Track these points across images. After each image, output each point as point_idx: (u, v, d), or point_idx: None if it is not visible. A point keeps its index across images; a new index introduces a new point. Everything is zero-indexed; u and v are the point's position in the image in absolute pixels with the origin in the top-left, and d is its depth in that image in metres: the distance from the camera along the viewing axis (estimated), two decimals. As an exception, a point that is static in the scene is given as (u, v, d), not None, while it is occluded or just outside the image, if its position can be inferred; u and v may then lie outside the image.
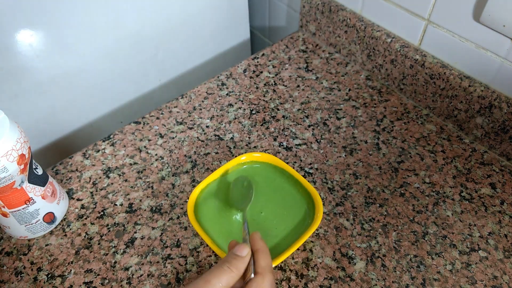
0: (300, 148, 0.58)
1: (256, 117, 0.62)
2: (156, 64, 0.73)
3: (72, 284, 0.45)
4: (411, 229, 0.49)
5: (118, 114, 0.73)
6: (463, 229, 0.49)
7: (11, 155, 0.40)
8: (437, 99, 0.59)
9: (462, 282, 0.45)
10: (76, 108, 0.66)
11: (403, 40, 0.61)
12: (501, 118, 0.53)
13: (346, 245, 0.48)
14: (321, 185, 0.53)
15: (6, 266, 0.47)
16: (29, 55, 0.56)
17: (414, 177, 0.54)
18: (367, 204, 0.51)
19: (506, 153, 0.55)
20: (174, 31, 0.71)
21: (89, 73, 0.64)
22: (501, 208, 0.51)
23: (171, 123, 0.61)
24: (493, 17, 0.48)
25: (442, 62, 0.58)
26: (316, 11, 0.70)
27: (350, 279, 0.45)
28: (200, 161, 0.56)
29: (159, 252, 0.48)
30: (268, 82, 0.67)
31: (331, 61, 0.70)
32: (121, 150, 0.58)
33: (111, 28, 0.62)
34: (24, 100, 0.60)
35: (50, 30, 0.56)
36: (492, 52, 0.52)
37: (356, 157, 0.56)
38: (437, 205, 0.51)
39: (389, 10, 0.61)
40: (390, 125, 0.60)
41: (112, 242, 0.49)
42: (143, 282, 0.45)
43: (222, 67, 0.83)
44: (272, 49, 0.73)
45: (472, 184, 0.53)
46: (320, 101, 0.64)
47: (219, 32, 0.78)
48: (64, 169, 0.56)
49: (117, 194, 0.53)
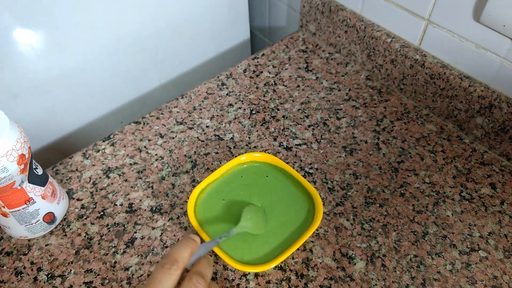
0: (300, 148, 0.58)
1: (256, 117, 0.62)
2: (156, 64, 0.73)
3: (72, 284, 0.45)
4: (411, 229, 0.49)
5: (118, 114, 0.73)
6: (463, 229, 0.49)
7: (11, 155, 0.40)
8: (437, 99, 0.59)
9: (462, 282, 0.45)
10: (76, 108, 0.66)
11: (403, 40, 0.61)
12: (501, 118, 0.53)
13: (346, 245, 0.48)
14: (321, 185, 0.53)
15: (6, 266, 0.47)
16: (29, 55, 0.56)
17: (414, 177, 0.54)
18: (367, 204, 0.51)
19: (506, 153, 0.55)
20: (174, 31, 0.71)
21: (89, 73, 0.64)
22: (501, 208, 0.51)
23: (171, 123, 0.61)
24: (493, 17, 0.48)
25: (442, 62, 0.58)
26: (316, 11, 0.70)
27: (350, 279, 0.45)
28: (200, 161, 0.56)
29: (159, 252, 0.48)
30: (268, 82, 0.67)
31: (331, 61, 0.70)
32: (121, 150, 0.58)
33: (111, 28, 0.62)
34: (24, 100, 0.60)
35: (50, 30, 0.56)
36: (492, 52, 0.52)
37: (356, 157, 0.56)
38: (437, 205, 0.51)
39: (389, 10, 0.61)
40: (390, 125, 0.60)
41: (112, 242, 0.49)
42: (143, 282, 0.45)
43: (222, 67, 0.83)
44: (272, 49, 0.73)
45: (472, 184, 0.53)
46: (320, 101, 0.64)
47: (219, 32, 0.78)
48: (64, 169, 0.56)
49: (117, 194, 0.53)
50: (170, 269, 0.33)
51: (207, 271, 0.36)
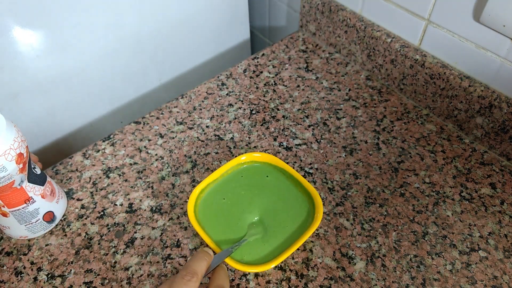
0: (300, 148, 0.58)
1: (256, 117, 0.62)
2: (156, 64, 0.73)
3: (72, 284, 0.45)
4: (411, 229, 0.49)
5: (118, 114, 0.73)
6: (463, 229, 0.49)
7: (9, 154, 0.40)
8: (437, 99, 0.59)
9: (462, 282, 0.45)
10: (76, 108, 0.66)
11: (403, 40, 0.61)
12: (501, 118, 0.53)
13: (346, 245, 0.48)
14: (321, 185, 0.53)
15: (6, 266, 0.47)
16: (29, 55, 0.56)
17: (414, 177, 0.54)
18: (367, 204, 0.51)
19: (506, 153, 0.55)
20: (174, 31, 0.71)
21: (89, 73, 0.64)
22: (501, 208, 0.51)
23: (171, 123, 0.61)
24: (493, 17, 0.48)
25: (442, 62, 0.58)
26: (316, 11, 0.70)
27: (350, 279, 0.45)
28: (200, 161, 0.56)
29: (159, 252, 0.48)
30: (268, 82, 0.67)
31: (331, 61, 0.70)
32: (121, 150, 0.58)
33: (111, 28, 0.62)
34: (24, 100, 0.60)
35: (50, 30, 0.56)
36: (492, 52, 0.52)
37: (356, 157, 0.56)
38: (437, 205, 0.51)
39: (389, 10, 0.61)
40: (390, 125, 0.60)
41: (112, 242, 0.49)
42: (143, 282, 0.45)
43: (222, 67, 0.83)
44: (272, 49, 0.73)
45: (472, 184, 0.53)
46: (320, 101, 0.64)
47: (219, 32, 0.78)
48: (64, 169, 0.56)
49: (117, 194, 0.53)
50: (190, 280, 0.34)
51: (225, 282, 0.37)
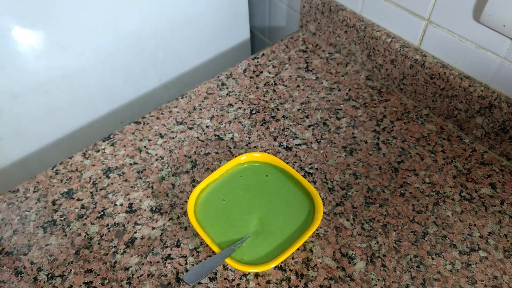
0: (300, 148, 0.58)
1: (256, 117, 0.62)
2: (156, 64, 0.73)
3: (72, 284, 0.45)
4: (411, 229, 0.49)
5: (118, 114, 0.73)
6: (463, 229, 0.49)
7: None
8: (437, 99, 0.59)
9: (462, 282, 0.45)
10: (76, 108, 0.66)
11: (403, 40, 0.61)
12: (501, 118, 0.53)
13: (346, 245, 0.48)
14: (321, 185, 0.53)
15: (6, 266, 0.47)
16: (29, 55, 0.56)
17: (414, 177, 0.54)
18: (367, 204, 0.51)
19: (506, 153, 0.55)
20: (174, 31, 0.71)
21: (89, 73, 0.64)
22: (501, 208, 0.51)
23: (171, 123, 0.61)
24: (493, 17, 0.48)
25: (442, 62, 0.58)
26: (316, 11, 0.70)
27: (350, 279, 0.45)
28: (200, 161, 0.56)
29: (159, 252, 0.48)
30: (268, 82, 0.67)
31: (331, 61, 0.70)
32: (121, 150, 0.58)
33: (111, 28, 0.62)
34: (24, 100, 0.60)
35: (50, 30, 0.56)
36: (492, 52, 0.52)
37: (356, 157, 0.56)
38: (437, 205, 0.51)
39: (389, 10, 0.61)
40: (390, 125, 0.60)
41: (112, 242, 0.49)
42: (143, 282, 0.45)
43: (222, 67, 0.83)
44: (272, 49, 0.73)
45: (472, 184, 0.53)
46: (320, 101, 0.64)
47: (219, 32, 0.78)
48: (64, 169, 0.56)
49: (117, 194, 0.53)
50: None
51: None
